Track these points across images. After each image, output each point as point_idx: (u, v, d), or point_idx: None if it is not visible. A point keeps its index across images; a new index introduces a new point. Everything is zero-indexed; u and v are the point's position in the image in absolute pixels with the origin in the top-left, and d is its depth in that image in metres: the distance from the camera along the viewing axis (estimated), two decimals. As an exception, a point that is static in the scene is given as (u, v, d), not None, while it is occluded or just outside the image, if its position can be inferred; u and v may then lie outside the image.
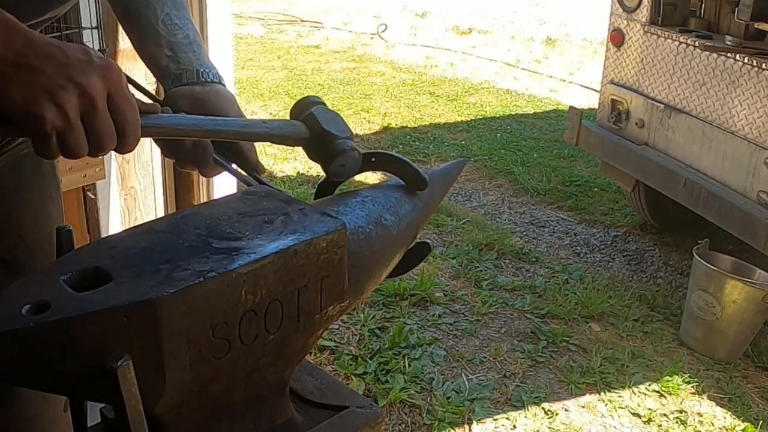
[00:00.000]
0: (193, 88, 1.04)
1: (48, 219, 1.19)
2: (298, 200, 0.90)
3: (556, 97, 7.00)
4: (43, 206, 1.18)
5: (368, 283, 0.95)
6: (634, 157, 3.63)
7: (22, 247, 1.14)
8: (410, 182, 1.05)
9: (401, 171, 1.04)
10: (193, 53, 1.07)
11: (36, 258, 1.15)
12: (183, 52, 1.06)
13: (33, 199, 1.16)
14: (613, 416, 2.67)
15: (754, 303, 2.99)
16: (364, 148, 4.76)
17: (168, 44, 1.06)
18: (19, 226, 1.14)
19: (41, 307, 0.66)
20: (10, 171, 1.12)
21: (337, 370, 2.71)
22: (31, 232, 1.15)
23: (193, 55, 1.07)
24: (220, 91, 1.06)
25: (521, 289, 3.46)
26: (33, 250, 1.15)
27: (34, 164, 1.16)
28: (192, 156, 1.02)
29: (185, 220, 0.81)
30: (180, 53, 1.06)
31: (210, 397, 0.78)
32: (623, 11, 3.74)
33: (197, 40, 1.09)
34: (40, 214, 1.18)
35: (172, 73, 1.05)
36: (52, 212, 1.21)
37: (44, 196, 1.19)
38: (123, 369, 0.64)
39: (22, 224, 1.14)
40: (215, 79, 1.06)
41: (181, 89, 1.04)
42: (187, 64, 1.05)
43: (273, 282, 0.77)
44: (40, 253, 1.16)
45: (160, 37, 1.06)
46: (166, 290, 0.68)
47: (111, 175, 2.40)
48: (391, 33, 8.96)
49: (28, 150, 1.12)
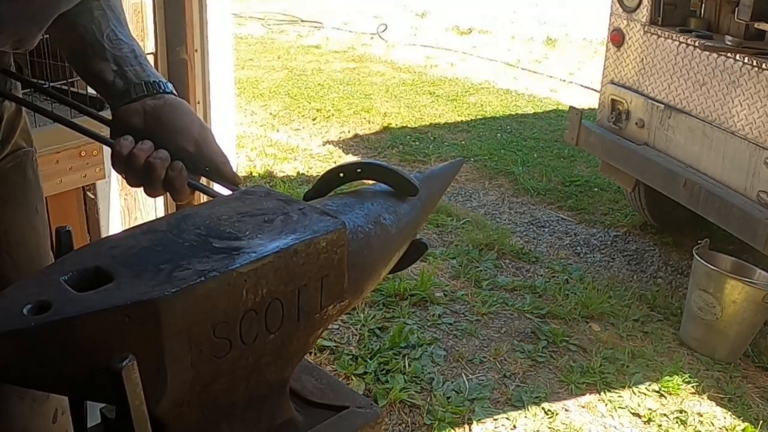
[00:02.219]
0: (144, 102, 0.98)
1: (35, 233, 1.16)
2: (298, 200, 0.90)
3: (556, 97, 7.00)
4: (30, 220, 1.15)
5: (368, 283, 0.95)
6: (634, 157, 3.63)
7: (9, 263, 1.11)
8: (400, 190, 1.03)
9: (390, 180, 1.03)
10: (139, 66, 1.01)
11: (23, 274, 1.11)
12: (129, 65, 1.00)
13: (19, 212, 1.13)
14: (613, 416, 2.67)
15: (754, 303, 2.99)
16: (364, 148, 4.72)
17: (114, 58, 1.00)
18: (6, 241, 1.11)
19: (42, 307, 0.66)
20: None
21: (337, 370, 2.71)
22: (18, 248, 1.12)
23: (140, 68, 1.01)
24: (175, 104, 0.99)
25: (521, 289, 3.46)
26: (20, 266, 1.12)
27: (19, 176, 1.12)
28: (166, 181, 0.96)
29: (185, 220, 0.81)
30: (126, 67, 1.00)
31: (211, 397, 0.78)
32: (623, 11, 3.74)
33: (143, 54, 1.03)
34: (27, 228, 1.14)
35: (119, 89, 0.99)
36: (38, 225, 1.17)
37: (30, 209, 1.15)
38: (128, 369, 0.64)
39: (9, 239, 1.11)
40: (166, 89, 1.00)
41: (131, 106, 0.98)
42: (134, 78, 0.99)
43: (273, 281, 0.77)
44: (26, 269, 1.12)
45: (105, 51, 1.00)
46: (167, 290, 0.68)
47: (111, 175, 2.40)
48: (391, 33, 8.96)
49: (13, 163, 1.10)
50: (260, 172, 4.69)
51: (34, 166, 1.16)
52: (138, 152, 0.95)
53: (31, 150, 1.15)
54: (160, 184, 0.96)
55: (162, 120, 0.97)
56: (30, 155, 1.14)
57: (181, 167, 0.96)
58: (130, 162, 0.95)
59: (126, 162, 0.95)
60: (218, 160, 0.99)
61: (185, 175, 0.96)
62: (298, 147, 5.23)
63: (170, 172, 0.95)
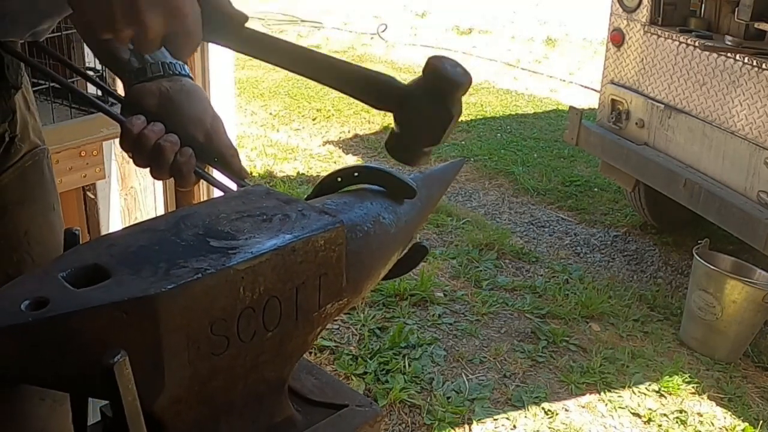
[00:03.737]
0: (161, 84, 0.96)
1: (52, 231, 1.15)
2: (298, 199, 0.90)
3: (556, 97, 7.00)
4: (48, 218, 1.14)
5: (366, 282, 0.95)
6: (634, 157, 3.63)
7: (29, 262, 1.10)
8: (398, 193, 1.02)
9: (387, 183, 1.01)
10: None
11: None
12: None
13: (38, 211, 1.13)
14: (613, 416, 2.67)
15: (754, 303, 2.99)
16: (364, 148, 4.71)
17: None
18: (26, 241, 1.10)
19: (40, 302, 0.66)
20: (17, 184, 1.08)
21: (337, 370, 2.71)
22: (38, 246, 1.11)
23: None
24: (191, 90, 0.98)
25: (521, 289, 3.46)
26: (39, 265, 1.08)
27: (37, 175, 1.12)
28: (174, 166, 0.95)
29: (184, 219, 0.81)
30: None
31: (209, 394, 0.78)
32: (623, 11, 3.74)
33: None
34: (45, 227, 1.14)
35: (135, 67, 0.97)
36: (56, 224, 1.16)
37: (47, 207, 1.15)
38: (119, 365, 0.64)
39: (29, 239, 1.10)
40: (183, 72, 0.98)
41: (147, 86, 0.96)
42: (149, 57, 0.97)
43: (271, 279, 0.77)
44: None
45: None
46: (164, 286, 0.69)
47: (111, 175, 2.40)
48: (391, 33, 8.96)
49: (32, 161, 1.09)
50: (260, 172, 4.69)
51: (49, 164, 1.15)
52: (149, 133, 0.93)
53: (46, 148, 1.14)
54: (168, 167, 0.95)
55: (176, 105, 0.96)
56: (45, 153, 1.13)
57: (191, 153, 0.95)
58: (139, 142, 0.93)
59: (135, 141, 0.93)
60: (227, 152, 0.99)
61: (194, 162, 0.96)
62: (298, 147, 5.23)
63: (179, 158, 0.94)
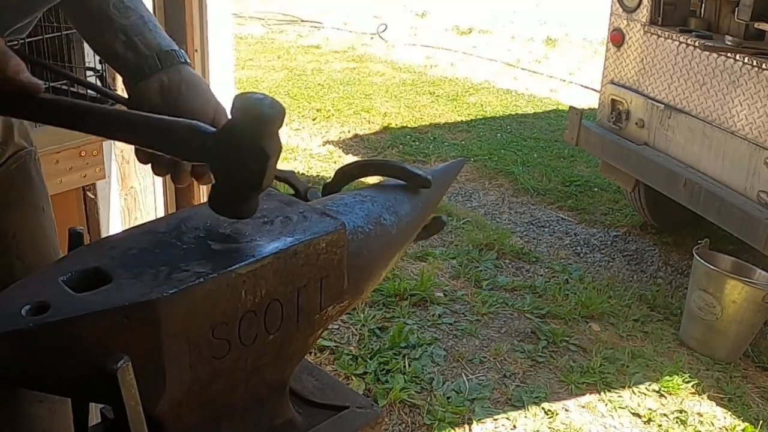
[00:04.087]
0: (160, 78, 0.95)
1: (43, 233, 1.14)
2: (299, 201, 0.90)
3: (556, 97, 7.00)
4: (37, 220, 1.13)
5: (367, 283, 0.95)
6: (634, 157, 3.63)
7: (20, 267, 1.09)
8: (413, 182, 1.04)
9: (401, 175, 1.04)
10: (149, 32, 0.97)
11: None
12: (138, 34, 0.96)
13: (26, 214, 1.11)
14: (613, 416, 2.67)
15: (754, 303, 2.99)
16: (364, 148, 4.73)
17: (121, 28, 0.96)
18: (15, 244, 1.09)
19: (41, 307, 0.66)
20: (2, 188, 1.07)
21: (337, 370, 2.71)
22: (28, 250, 1.10)
23: (150, 35, 0.97)
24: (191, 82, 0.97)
25: (521, 289, 3.46)
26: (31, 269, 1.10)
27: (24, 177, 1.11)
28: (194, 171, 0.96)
29: (185, 222, 0.81)
30: (135, 36, 0.96)
31: (210, 398, 0.78)
32: (623, 11, 3.74)
33: (153, 20, 0.99)
34: (36, 230, 1.13)
35: (131, 63, 0.96)
36: (47, 226, 1.15)
37: (37, 209, 1.14)
38: (122, 371, 0.64)
39: (19, 242, 1.09)
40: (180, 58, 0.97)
41: (147, 84, 0.95)
42: (144, 49, 0.96)
43: (272, 282, 0.77)
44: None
45: (113, 22, 0.96)
46: (165, 291, 0.68)
47: (111, 175, 2.40)
48: (391, 33, 8.96)
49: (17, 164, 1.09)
50: (260, 172, 4.68)
51: (37, 166, 1.14)
52: None
53: (33, 149, 1.14)
54: (188, 173, 0.95)
55: (180, 100, 0.95)
56: (32, 155, 1.13)
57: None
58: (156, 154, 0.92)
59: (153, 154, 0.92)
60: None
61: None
62: (298, 147, 5.23)
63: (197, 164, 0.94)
